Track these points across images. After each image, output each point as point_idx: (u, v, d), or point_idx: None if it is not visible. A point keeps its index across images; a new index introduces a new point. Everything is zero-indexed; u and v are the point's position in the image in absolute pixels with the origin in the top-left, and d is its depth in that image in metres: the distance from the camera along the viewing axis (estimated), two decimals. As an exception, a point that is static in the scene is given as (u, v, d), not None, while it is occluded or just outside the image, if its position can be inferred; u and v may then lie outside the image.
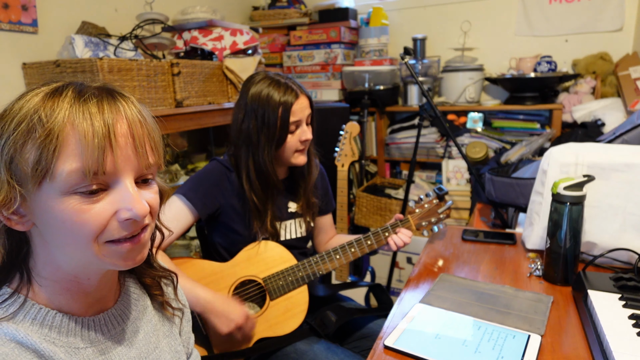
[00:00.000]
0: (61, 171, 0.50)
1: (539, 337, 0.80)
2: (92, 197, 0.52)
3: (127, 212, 0.53)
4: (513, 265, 1.11)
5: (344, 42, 2.69)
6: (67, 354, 0.57)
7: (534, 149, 1.99)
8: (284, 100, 1.19)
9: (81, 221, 0.51)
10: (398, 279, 2.52)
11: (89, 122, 0.51)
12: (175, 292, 0.76)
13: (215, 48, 1.98)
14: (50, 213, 0.51)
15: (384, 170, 2.81)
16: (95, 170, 0.50)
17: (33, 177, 0.50)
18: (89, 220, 0.51)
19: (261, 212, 1.24)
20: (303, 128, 1.23)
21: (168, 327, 0.74)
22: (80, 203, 0.51)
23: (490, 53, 2.64)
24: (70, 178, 0.50)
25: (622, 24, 2.35)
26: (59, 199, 0.51)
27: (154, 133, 0.58)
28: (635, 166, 1.00)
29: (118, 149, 0.52)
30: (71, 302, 0.59)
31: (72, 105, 0.51)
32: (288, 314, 1.21)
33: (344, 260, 1.24)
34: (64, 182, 0.50)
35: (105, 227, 0.53)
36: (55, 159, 0.50)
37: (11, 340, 0.53)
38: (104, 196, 0.53)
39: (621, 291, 0.87)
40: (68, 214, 0.51)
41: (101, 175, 0.51)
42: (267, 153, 1.21)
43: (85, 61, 1.42)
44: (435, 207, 1.26)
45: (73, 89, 0.54)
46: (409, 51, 1.71)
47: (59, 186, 0.50)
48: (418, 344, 0.79)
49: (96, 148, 0.50)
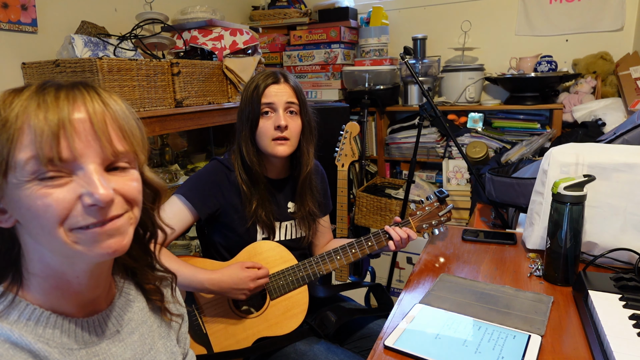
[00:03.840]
0: (19, 160, 0.51)
1: (540, 337, 0.80)
2: (52, 181, 0.52)
3: (88, 197, 0.53)
4: (513, 265, 1.11)
5: (344, 41, 2.69)
6: (61, 354, 0.57)
7: (534, 149, 1.99)
8: (260, 82, 1.23)
9: (43, 205, 0.52)
10: (398, 279, 2.52)
11: (43, 111, 0.52)
12: (173, 293, 0.76)
13: (215, 48, 1.98)
14: (18, 203, 0.52)
15: (384, 170, 2.81)
16: (49, 157, 0.51)
17: None
18: (51, 204, 0.52)
19: (249, 196, 1.25)
20: (279, 114, 1.22)
21: (164, 328, 0.74)
22: (41, 188, 0.52)
23: (490, 53, 2.63)
24: (28, 166, 0.51)
25: (623, 24, 2.34)
26: (22, 187, 0.52)
27: (124, 121, 0.58)
28: (636, 166, 1.00)
29: (75, 136, 0.53)
30: (63, 302, 0.59)
31: (30, 97, 0.53)
32: (288, 314, 1.21)
33: (345, 261, 1.24)
34: (22, 170, 0.51)
35: (70, 212, 0.53)
36: (13, 149, 0.51)
37: (5, 341, 0.53)
38: (68, 182, 0.53)
39: (622, 291, 0.87)
40: (31, 200, 0.52)
41: (57, 161, 0.52)
42: (245, 138, 1.24)
43: (84, 61, 1.42)
44: (436, 209, 1.26)
45: (39, 84, 0.55)
46: (409, 51, 1.71)
47: (20, 175, 0.51)
48: (418, 344, 0.79)
49: (48, 135, 0.51)
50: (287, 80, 1.25)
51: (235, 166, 1.26)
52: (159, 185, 0.67)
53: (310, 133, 1.31)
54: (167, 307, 0.74)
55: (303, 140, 1.29)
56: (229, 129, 1.31)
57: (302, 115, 1.27)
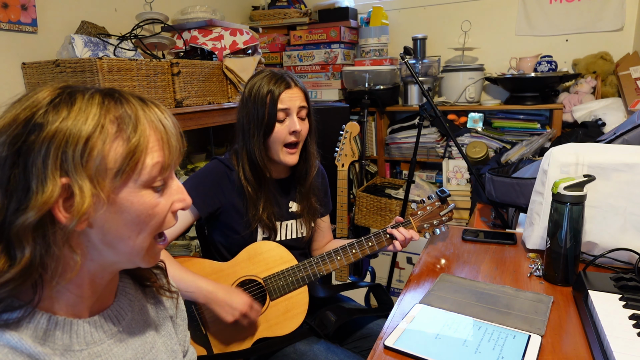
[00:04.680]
0: (146, 165, 0.54)
1: (539, 337, 0.80)
2: (159, 191, 0.57)
3: (180, 203, 0.58)
4: (513, 265, 1.11)
5: (344, 42, 2.69)
6: (62, 356, 0.56)
7: (534, 149, 1.99)
8: (274, 87, 1.21)
9: (153, 214, 0.55)
10: (398, 279, 2.52)
11: (160, 122, 0.57)
12: (167, 281, 0.76)
13: (215, 48, 1.98)
14: (128, 207, 0.54)
15: (384, 170, 2.81)
16: (169, 163, 0.56)
17: (122, 173, 0.53)
18: (158, 213, 0.56)
19: (255, 199, 1.24)
20: (293, 119, 1.22)
21: (164, 326, 0.74)
22: (153, 197, 0.55)
23: (490, 53, 2.63)
24: (153, 171, 0.54)
25: (623, 24, 2.34)
26: (139, 192, 0.54)
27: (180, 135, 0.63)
28: (636, 166, 1.00)
29: (174, 145, 0.58)
30: (73, 304, 0.59)
31: (141, 107, 0.56)
32: (288, 314, 1.21)
33: (345, 262, 1.24)
34: (147, 175, 0.54)
35: (165, 219, 0.57)
36: (142, 154, 0.54)
37: (5, 345, 0.52)
38: (164, 190, 0.58)
39: (622, 291, 0.86)
40: (144, 207, 0.55)
41: (166, 169, 0.56)
42: (257, 143, 1.22)
43: (84, 61, 1.42)
44: (437, 209, 1.25)
45: (138, 98, 0.59)
46: (409, 51, 1.71)
47: (142, 179, 0.54)
48: (418, 344, 0.79)
49: (170, 144, 0.57)
50: (297, 84, 1.25)
51: (239, 167, 1.25)
52: None
53: (315, 134, 1.31)
54: (162, 286, 0.74)
55: (309, 142, 1.30)
56: (229, 129, 1.31)
57: (310, 118, 1.28)
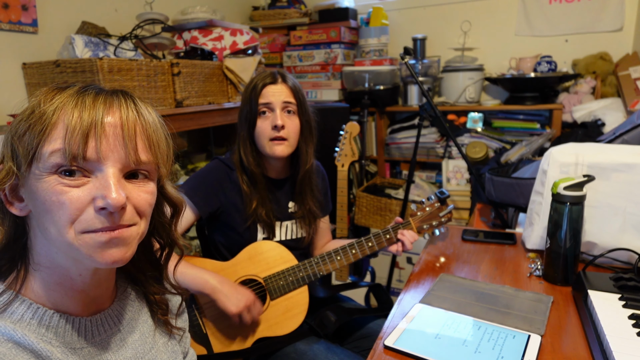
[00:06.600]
0: (45, 151, 0.53)
1: (539, 337, 0.80)
2: (71, 179, 0.53)
3: (101, 200, 0.53)
4: (513, 265, 1.11)
5: (344, 42, 2.69)
6: (63, 354, 0.57)
7: (534, 149, 1.99)
8: (258, 82, 1.23)
9: (59, 201, 0.53)
10: (398, 279, 2.52)
11: (79, 110, 0.54)
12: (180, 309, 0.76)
13: (215, 48, 1.98)
14: (35, 194, 0.54)
15: (384, 170, 2.81)
16: (75, 153, 0.52)
17: (24, 157, 0.53)
18: (66, 202, 0.52)
19: (249, 194, 1.25)
20: (276, 113, 1.23)
21: (164, 327, 0.74)
22: (60, 184, 0.53)
23: (490, 53, 2.63)
24: (52, 158, 0.52)
25: (622, 24, 2.35)
26: (42, 179, 0.53)
27: (153, 133, 0.59)
28: (635, 166, 1.00)
29: (103, 138, 0.54)
30: (66, 300, 0.59)
31: (70, 96, 0.55)
32: (288, 314, 1.21)
33: (345, 262, 1.24)
34: (46, 162, 0.53)
35: (82, 212, 0.53)
36: (43, 140, 0.53)
37: (8, 340, 0.53)
38: (85, 183, 0.54)
39: (621, 291, 0.87)
40: (48, 193, 0.53)
41: (81, 160, 0.53)
42: (245, 139, 1.25)
43: (85, 61, 1.42)
44: (436, 210, 1.26)
45: (82, 86, 0.57)
46: (409, 51, 1.71)
47: (43, 166, 0.53)
48: (418, 344, 0.79)
49: (79, 133, 0.53)
50: (285, 80, 1.25)
51: (237, 165, 1.27)
52: (178, 200, 0.68)
53: (309, 133, 1.30)
54: (169, 320, 0.74)
55: (302, 140, 1.29)
56: (229, 129, 1.32)
57: (301, 115, 1.27)
